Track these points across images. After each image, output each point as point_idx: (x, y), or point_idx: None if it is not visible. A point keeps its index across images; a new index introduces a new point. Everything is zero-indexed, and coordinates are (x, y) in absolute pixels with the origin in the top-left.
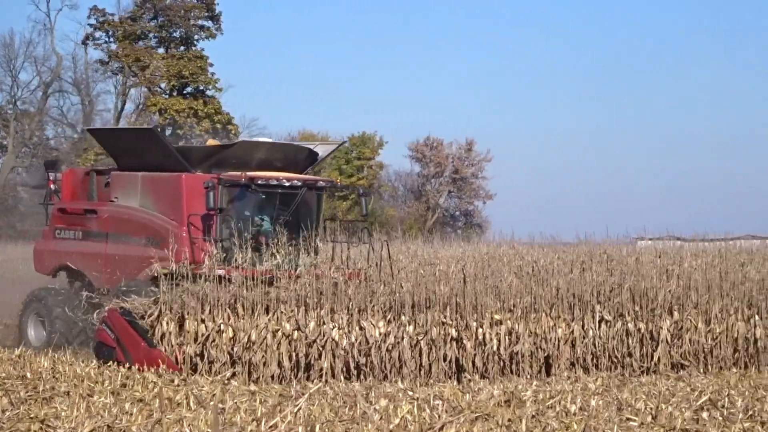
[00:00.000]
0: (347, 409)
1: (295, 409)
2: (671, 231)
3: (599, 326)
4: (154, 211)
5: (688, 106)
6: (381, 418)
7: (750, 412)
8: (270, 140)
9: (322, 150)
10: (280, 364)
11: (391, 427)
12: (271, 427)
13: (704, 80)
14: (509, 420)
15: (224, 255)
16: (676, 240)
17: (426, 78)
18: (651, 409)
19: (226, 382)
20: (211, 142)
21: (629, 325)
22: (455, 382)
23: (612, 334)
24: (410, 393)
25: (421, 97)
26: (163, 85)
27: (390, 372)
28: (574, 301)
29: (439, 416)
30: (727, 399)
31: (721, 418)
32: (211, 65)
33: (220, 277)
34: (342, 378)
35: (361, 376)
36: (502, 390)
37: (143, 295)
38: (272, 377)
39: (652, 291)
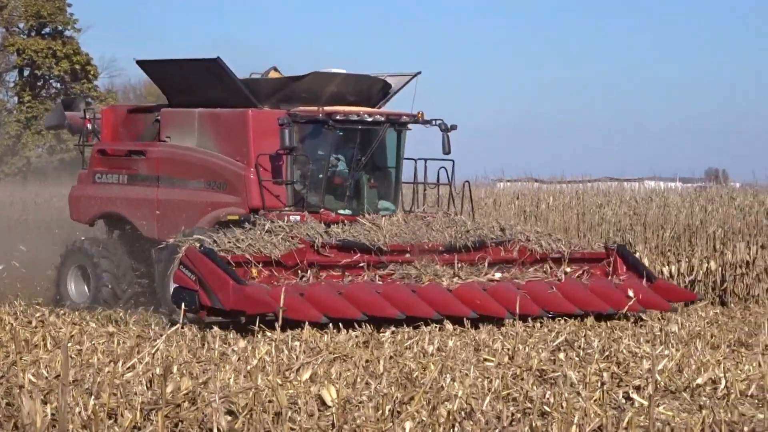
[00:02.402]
0: (205, 350)
1: (153, 350)
2: (529, 173)
3: None
4: (215, 151)
5: (550, 46)
6: (239, 359)
7: (606, 353)
8: (343, 71)
9: (394, 82)
10: None
11: (248, 368)
12: (128, 368)
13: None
14: (367, 361)
15: (297, 199)
16: (534, 182)
17: (316, 15)
18: (508, 349)
19: (83, 323)
20: (273, 74)
21: None
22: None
23: None
24: (269, 334)
25: (310, 33)
26: (21, 26)
27: None
28: None
29: (297, 357)
30: (583, 340)
31: (577, 359)
32: (70, 5)
33: (293, 222)
34: None
35: None
36: (361, 331)
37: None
38: None
39: None
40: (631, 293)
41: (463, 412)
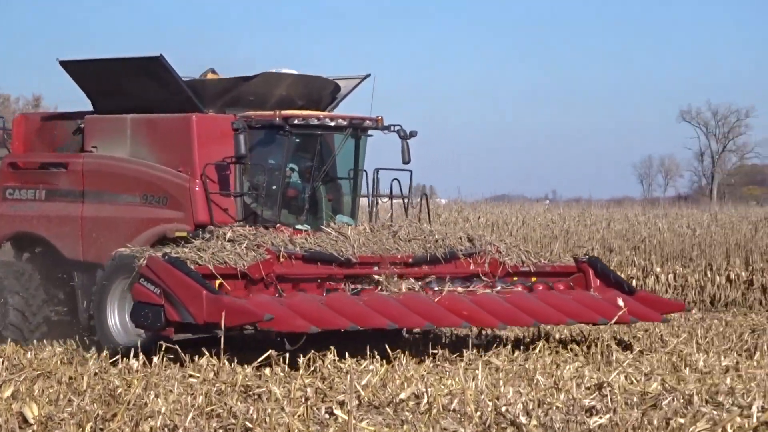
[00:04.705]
0: None
1: None
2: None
3: None
4: (152, 161)
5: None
6: None
7: (312, 368)
8: (294, 72)
9: (343, 84)
10: None
11: None
12: None
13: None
14: (71, 377)
15: (248, 213)
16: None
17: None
18: (213, 365)
19: None
20: (211, 75)
21: None
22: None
23: None
24: None
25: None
26: None
27: None
28: None
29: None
30: (289, 355)
31: (282, 374)
32: None
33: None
34: None
35: None
36: (65, 348)
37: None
38: None
39: None
40: (621, 302)
41: (166, 429)
